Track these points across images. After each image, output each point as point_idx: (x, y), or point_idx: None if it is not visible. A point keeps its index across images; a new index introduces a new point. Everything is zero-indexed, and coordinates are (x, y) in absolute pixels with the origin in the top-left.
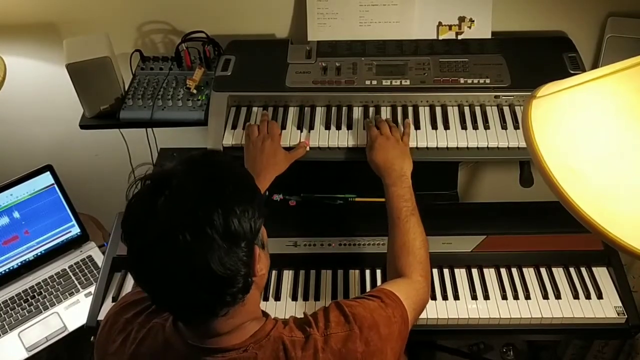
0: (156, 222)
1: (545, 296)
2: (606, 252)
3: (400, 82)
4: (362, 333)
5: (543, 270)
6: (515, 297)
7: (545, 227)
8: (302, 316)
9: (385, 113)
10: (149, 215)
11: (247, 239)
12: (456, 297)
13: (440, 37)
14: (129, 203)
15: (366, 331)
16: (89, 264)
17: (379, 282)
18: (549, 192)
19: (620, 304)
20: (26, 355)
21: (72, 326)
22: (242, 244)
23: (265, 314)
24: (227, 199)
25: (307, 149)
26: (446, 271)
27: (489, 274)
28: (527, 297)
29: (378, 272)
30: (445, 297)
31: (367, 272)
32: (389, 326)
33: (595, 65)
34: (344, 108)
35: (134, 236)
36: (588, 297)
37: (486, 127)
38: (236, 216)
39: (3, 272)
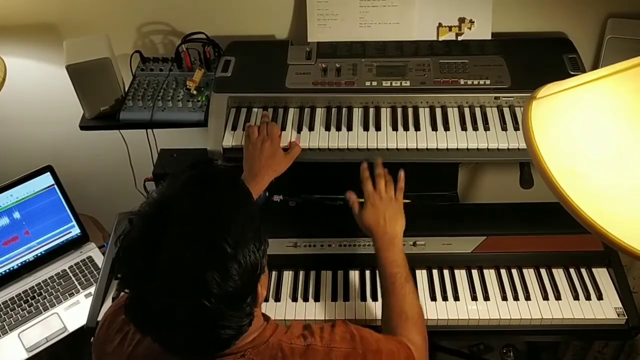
0: (155, 291)
1: (545, 297)
2: (606, 252)
3: (401, 83)
4: (366, 356)
5: (543, 271)
6: (515, 298)
7: (545, 228)
8: (307, 325)
9: (385, 114)
10: (147, 277)
11: (251, 291)
12: (456, 298)
13: (440, 38)
14: (123, 254)
15: (369, 355)
16: (89, 264)
17: (378, 283)
18: (549, 193)
19: (620, 305)
20: (26, 356)
21: (72, 327)
22: (247, 299)
23: (265, 318)
24: (227, 260)
25: (300, 145)
26: (446, 272)
27: (489, 274)
28: (527, 298)
29: (378, 273)
30: (445, 298)
31: (367, 272)
32: (392, 358)
33: (595, 66)
34: (344, 109)
35: (133, 294)
36: (588, 298)
37: (486, 128)
38: (238, 278)
39: (3, 273)
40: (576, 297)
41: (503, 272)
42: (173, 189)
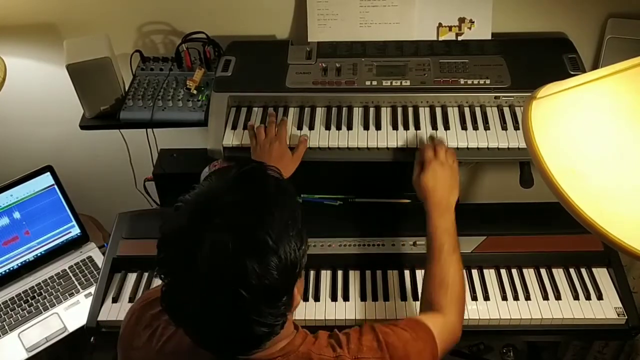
0: (194, 277)
1: (545, 297)
2: (606, 252)
3: (401, 82)
4: None
5: (543, 271)
6: (515, 298)
7: (545, 228)
8: (333, 333)
9: (386, 114)
10: (187, 263)
11: (287, 290)
12: None
13: (441, 38)
14: (165, 240)
15: None
16: (89, 264)
17: (379, 283)
18: (549, 192)
19: (620, 305)
20: (26, 356)
21: (72, 327)
22: (283, 298)
23: (295, 326)
24: (268, 253)
25: (307, 144)
26: None
27: (489, 274)
28: (527, 297)
29: (378, 272)
30: None
31: (367, 272)
32: (420, 359)
33: (595, 66)
34: (344, 109)
35: (172, 280)
36: (588, 298)
37: (486, 127)
38: (277, 273)
39: (3, 273)
40: (576, 297)
41: (503, 272)
42: (220, 182)
